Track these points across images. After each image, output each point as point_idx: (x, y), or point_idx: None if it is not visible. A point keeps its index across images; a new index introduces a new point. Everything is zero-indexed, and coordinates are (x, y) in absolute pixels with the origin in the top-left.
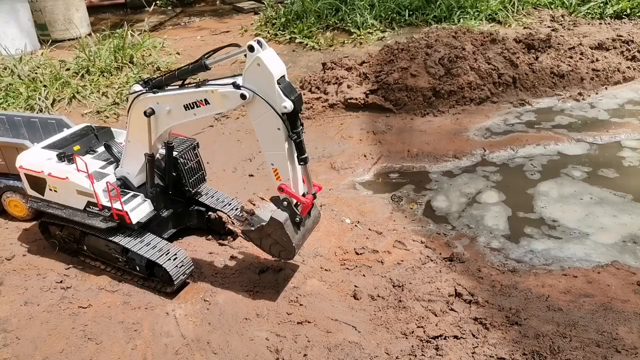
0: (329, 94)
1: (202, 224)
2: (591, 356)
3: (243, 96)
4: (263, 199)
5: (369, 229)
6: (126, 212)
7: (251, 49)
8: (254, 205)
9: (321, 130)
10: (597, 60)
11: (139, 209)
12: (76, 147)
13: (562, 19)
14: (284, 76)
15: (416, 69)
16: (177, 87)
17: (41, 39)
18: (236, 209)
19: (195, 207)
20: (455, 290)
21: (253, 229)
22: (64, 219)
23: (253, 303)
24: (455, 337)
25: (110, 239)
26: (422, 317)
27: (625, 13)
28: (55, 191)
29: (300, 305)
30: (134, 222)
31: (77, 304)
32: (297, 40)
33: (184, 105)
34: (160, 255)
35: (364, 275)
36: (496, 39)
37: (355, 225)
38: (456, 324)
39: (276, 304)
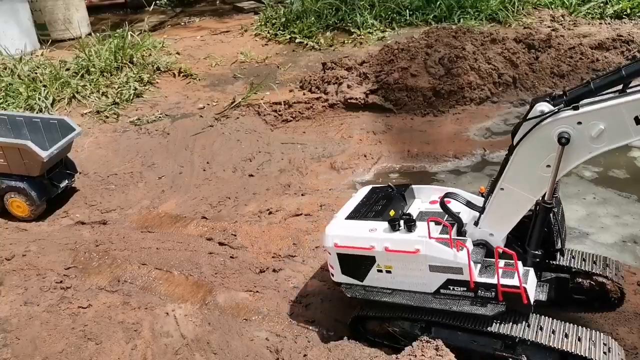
0: (329, 94)
1: (560, 295)
2: None
3: None
4: None
5: None
6: (524, 289)
7: None
8: None
9: (321, 130)
10: (597, 60)
11: (530, 283)
12: (391, 212)
13: (562, 19)
14: None
15: (416, 69)
16: (615, 93)
17: (41, 39)
18: (617, 268)
19: (553, 274)
20: None
21: None
22: (407, 308)
23: (253, 303)
24: None
25: (487, 329)
26: None
27: (625, 13)
28: (388, 272)
29: (301, 305)
30: (532, 301)
31: (77, 304)
32: (297, 40)
33: (636, 117)
34: (588, 348)
35: None
36: (496, 39)
37: None
38: None
39: (276, 304)
